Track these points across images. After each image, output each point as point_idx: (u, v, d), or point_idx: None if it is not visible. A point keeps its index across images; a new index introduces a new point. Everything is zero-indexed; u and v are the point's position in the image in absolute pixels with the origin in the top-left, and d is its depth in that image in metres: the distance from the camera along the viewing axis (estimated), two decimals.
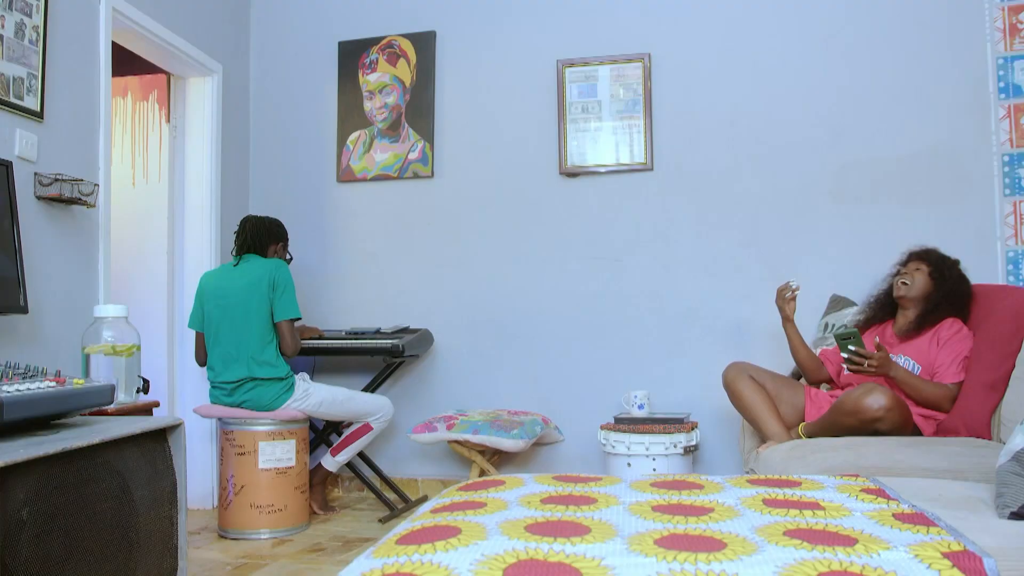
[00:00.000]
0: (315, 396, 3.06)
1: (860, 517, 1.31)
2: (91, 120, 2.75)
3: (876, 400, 2.18)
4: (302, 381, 3.08)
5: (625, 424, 3.06)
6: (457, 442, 3.14)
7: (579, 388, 3.45)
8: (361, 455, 3.42)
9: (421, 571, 1.08)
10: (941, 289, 2.58)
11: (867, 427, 2.21)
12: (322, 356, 3.56)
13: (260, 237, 3.14)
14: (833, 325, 3.04)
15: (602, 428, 3.10)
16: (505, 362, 3.55)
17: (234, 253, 3.16)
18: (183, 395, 3.46)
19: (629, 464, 2.99)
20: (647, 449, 2.96)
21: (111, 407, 2.38)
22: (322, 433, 3.46)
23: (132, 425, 2.02)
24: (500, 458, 3.34)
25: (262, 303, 2.98)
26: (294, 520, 3.03)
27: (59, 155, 2.59)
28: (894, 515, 1.31)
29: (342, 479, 3.69)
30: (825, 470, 1.90)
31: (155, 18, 3.11)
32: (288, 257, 3.27)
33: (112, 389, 2.08)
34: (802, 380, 2.88)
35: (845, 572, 1.04)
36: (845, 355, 2.40)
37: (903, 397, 2.38)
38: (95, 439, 1.82)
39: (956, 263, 2.68)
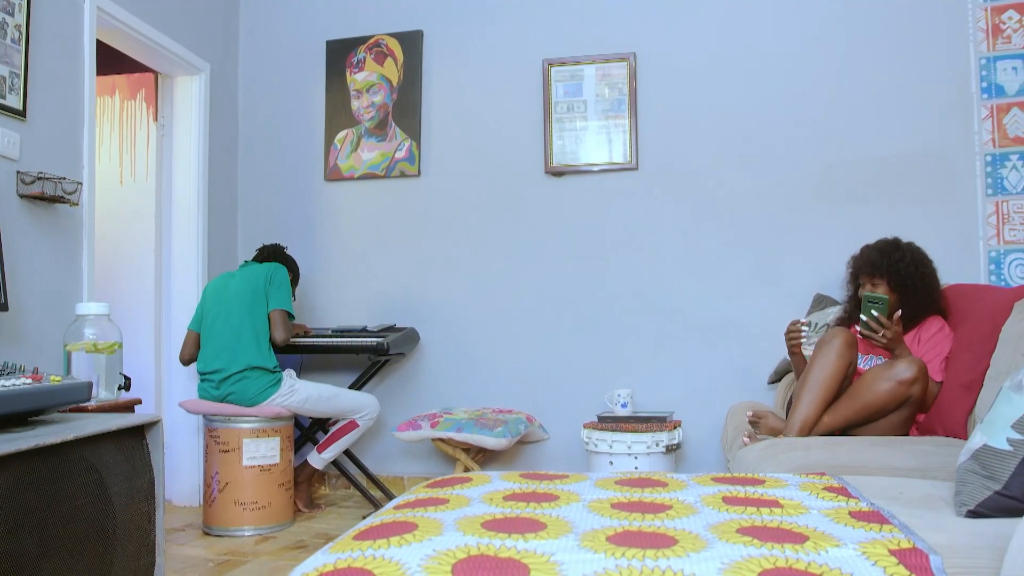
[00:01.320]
0: (301, 393, 3.08)
1: (816, 515, 1.32)
2: (75, 119, 2.77)
3: (908, 366, 2.18)
4: (288, 378, 3.10)
5: (608, 423, 3.07)
6: (441, 440, 3.16)
7: (564, 387, 3.46)
8: (347, 453, 3.43)
9: (372, 566, 1.09)
10: (909, 296, 2.53)
11: (899, 395, 2.18)
12: (309, 354, 3.57)
13: (275, 256, 3.33)
14: (816, 324, 3.05)
15: (585, 427, 3.11)
16: (491, 360, 3.56)
17: (255, 259, 3.35)
18: (170, 393, 3.48)
19: (611, 463, 3.00)
20: (629, 448, 2.97)
21: (91, 404, 2.40)
22: (308, 431, 3.47)
23: (109, 422, 2.03)
24: (485, 456, 3.35)
25: (257, 296, 3.07)
26: (278, 517, 3.05)
27: (42, 154, 2.60)
28: (850, 513, 1.32)
29: (328, 477, 3.71)
30: (796, 468, 1.91)
31: (141, 17, 3.12)
32: (294, 296, 3.36)
33: (89, 386, 2.09)
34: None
35: (790, 568, 1.05)
36: (864, 317, 2.35)
37: None
38: (69, 435, 1.84)
39: (906, 255, 2.57)
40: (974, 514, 1.37)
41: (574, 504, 1.39)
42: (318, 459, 3.26)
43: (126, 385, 2.55)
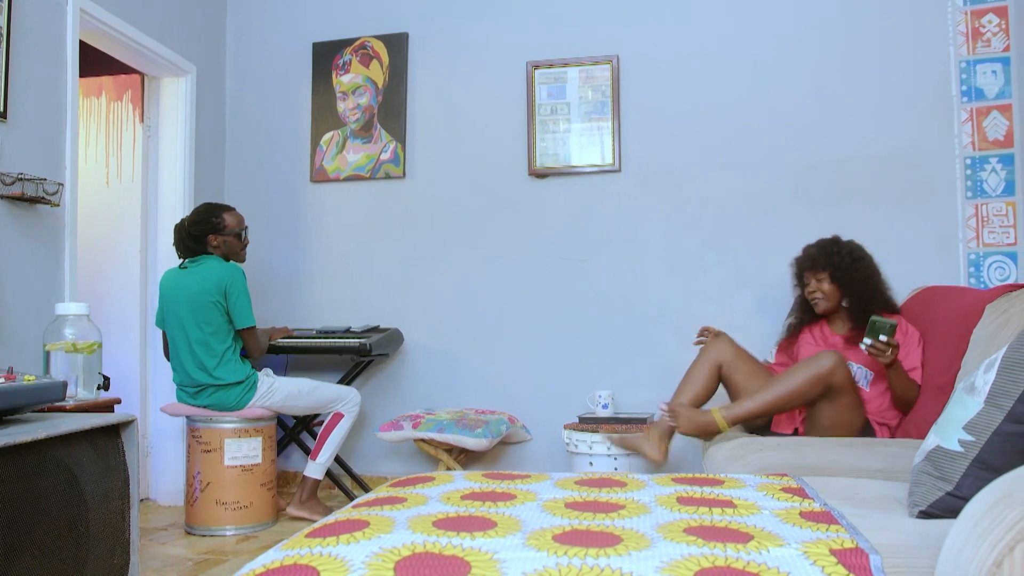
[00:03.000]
0: (280, 391, 3.05)
1: (767, 515, 1.33)
2: (58, 120, 2.79)
3: (827, 357, 2.30)
4: (266, 377, 3.06)
5: (588, 423, 3.08)
6: (423, 440, 3.17)
7: (547, 387, 3.48)
8: None
9: (317, 562, 1.10)
10: (851, 287, 2.62)
11: (820, 382, 2.28)
12: (293, 355, 3.59)
13: (193, 238, 3.02)
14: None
15: (566, 428, 3.12)
16: (475, 361, 3.57)
17: (180, 257, 3.10)
18: (155, 393, 3.49)
19: (591, 463, 3.01)
20: (609, 449, 2.98)
21: (70, 403, 2.42)
22: (292, 430, 3.49)
23: (82, 421, 2.05)
24: (467, 457, 3.37)
25: (215, 311, 2.92)
26: (260, 517, 3.06)
27: (24, 155, 2.62)
28: (801, 513, 1.34)
29: None
30: (762, 469, 1.92)
31: (125, 19, 3.14)
32: (242, 240, 3.10)
33: (64, 386, 2.11)
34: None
35: (728, 567, 1.06)
36: (869, 340, 2.35)
37: (888, 390, 2.48)
38: (41, 434, 1.85)
39: (843, 249, 2.68)
40: (925, 515, 1.38)
41: (529, 503, 1.41)
42: (315, 467, 3.11)
43: (105, 385, 2.56)
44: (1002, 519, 0.92)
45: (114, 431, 2.16)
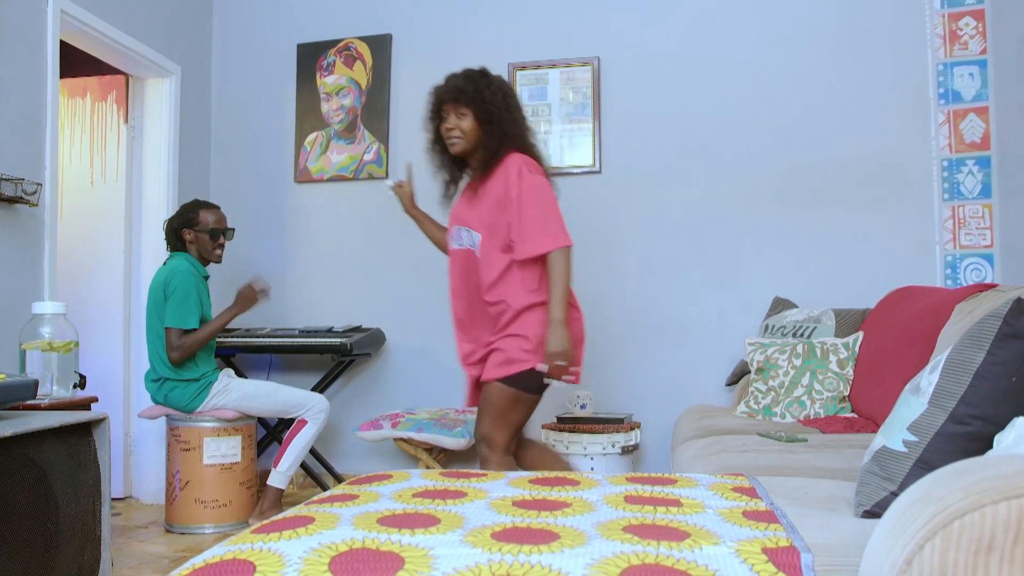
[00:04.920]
0: (235, 391, 3.00)
1: (711, 514, 1.34)
2: (37, 120, 2.81)
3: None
4: (225, 376, 3.04)
5: (566, 424, 3.10)
6: (402, 440, 3.19)
7: None
8: (313, 452, 3.46)
9: (255, 557, 1.12)
10: (494, 128, 2.30)
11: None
12: (276, 354, 3.61)
13: (171, 233, 3.05)
14: (772, 327, 3.07)
15: (543, 428, 3.13)
16: (455, 361, 3.57)
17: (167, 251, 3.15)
18: (139, 392, 3.51)
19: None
20: (585, 449, 2.99)
21: (45, 401, 2.44)
22: (273, 430, 3.51)
23: (52, 419, 2.07)
24: (446, 456, 3.38)
25: (159, 307, 2.94)
26: (239, 515, 3.08)
27: (2, 155, 2.64)
28: (744, 513, 1.35)
29: (296, 475, 3.74)
30: (723, 468, 1.93)
31: (108, 20, 3.16)
32: (216, 240, 3.06)
33: (35, 384, 2.12)
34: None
35: (657, 565, 1.07)
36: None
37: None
38: (7, 432, 1.87)
39: (494, 83, 2.38)
40: (870, 514, 1.39)
41: (478, 501, 1.42)
42: (277, 476, 3.04)
43: (81, 383, 2.58)
44: (916, 517, 0.93)
45: (85, 429, 2.18)
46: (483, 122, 2.30)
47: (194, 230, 3.04)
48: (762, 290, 3.24)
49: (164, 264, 3.06)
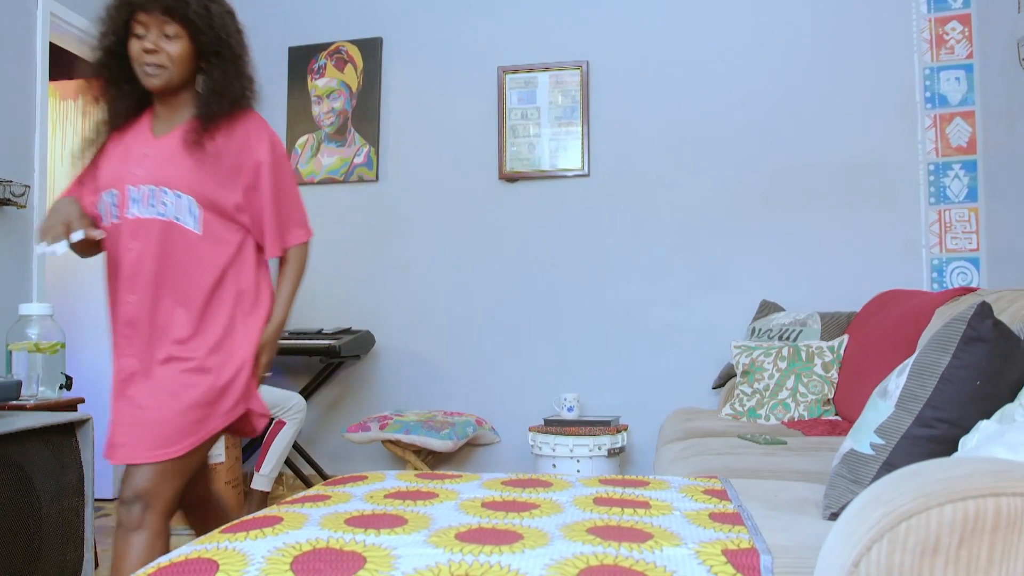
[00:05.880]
0: None
1: (677, 516, 1.35)
2: (26, 123, 2.83)
3: None
4: None
5: (553, 426, 3.10)
6: (390, 441, 3.20)
7: (517, 390, 3.50)
8: (302, 453, 3.47)
9: (219, 556, 1.13)
10: (231, 70, 1.69)
11: None
12: None
13: None
14: (758, 330, 3.08)
15: (530, 430, 3.14)
16: (445, 363, 3.60)
17: None
18: None
19: (554, 465, 3.03)
20: (571, 451, 3.00)
21: (31, 402, 2.45)
22: (264, 430, 3.51)
23: (35, 419, 2.08)
24: (434, 458, 3.39)
25: None
26: None
27: None
28: (711, 515, 1.36)
29: (285, 477, 3.75)
30: (700, 471, 1.94)
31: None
32: None
33: (18, 385, 2.14)
34: None
35: (615, 566, 1.08)
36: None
37: None
38: None
39: (216, 1, 1.68)
40: (837, 517, 1.40)
41: (448, 503, 1.43)
42: (261, 479, 3.05)
43: (67, 384, 2.59)
44: (866, 519, 0.94)
45: (69, 430, 2.20)
46: (208, 54, 1.66)
47: None
48: (750, 293, 3.25)
49: None
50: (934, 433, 1.35)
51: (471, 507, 1.39)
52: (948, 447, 1.35)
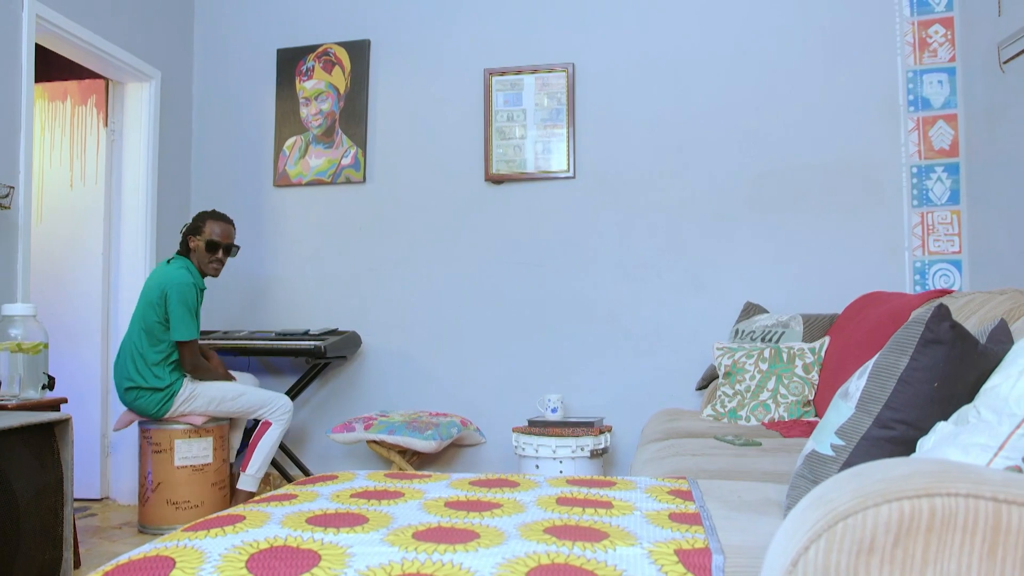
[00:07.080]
0: (203, 396, 3.00)
1: (637, 516, 1.36)
2: (11, 124, 2.84)
3: None
4: (190, 384, 3.01)
5: (536, 427, 3.11)
6: (375, 442, 3.21)
7: (503, 391, 3.51)
8: (288, 454, 3.49)
9: (176, 554, 1.14)
10: None
11: None
12: (253, 356, 3.63)
13: (182, 236, 3.10)
14: (742, 331, 3.09)
15: (514, 431, 3.15)
16: (432, 364, 3.61)
17: None
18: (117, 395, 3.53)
19: (537, 466, 3.04)
20: (554, 452, 3.01)
21: (12, 402, 2.47)
22: (247, 430, 3.53)
23: (13, 419, 2.09)
24: (419, 459, 3.40)
25: (150, 312, 2.93)
26: None
27: None
28: (671, 515, 1.37)
29: (272, 477, 3.76)
30: (672, 472, 1.95)
31: (86, 25, 3.20)
32: (213, 253, 3.05)
33: None
34: None
35: (566, 565, 1.09)
36: None
37: None
38: None
39: None
40: None
41: (412, 502, 1.44)
42: (247, 480, 3.07)
43: (50, 384, 2.61)
44: (806, 519, 0.94)
45: (48, 430, 2.21)
46: None
47: (197, 239, 3.06)
48: (734, 295, 3.26)
49: (167, 262, 3.04)
50: (893, 434, 1.36)
51: (434, 506, 1.40)
52: (907, 448, 1.36)
